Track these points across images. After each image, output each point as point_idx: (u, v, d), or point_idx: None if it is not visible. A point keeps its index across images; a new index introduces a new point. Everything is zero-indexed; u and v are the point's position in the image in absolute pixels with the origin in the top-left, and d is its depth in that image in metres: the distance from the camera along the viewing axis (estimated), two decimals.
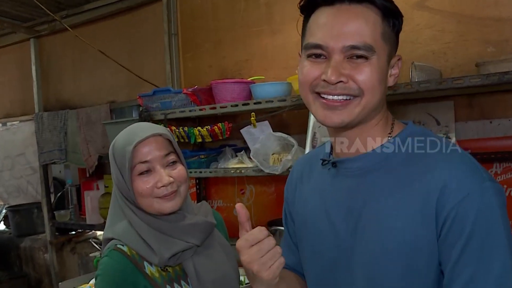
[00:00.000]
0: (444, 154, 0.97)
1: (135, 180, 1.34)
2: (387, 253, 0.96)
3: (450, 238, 0.90)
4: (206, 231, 1.44)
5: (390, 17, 0.99)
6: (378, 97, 0.99)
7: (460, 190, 0.90)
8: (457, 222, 0.89)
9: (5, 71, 4.58)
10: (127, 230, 1.37)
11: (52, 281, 4.00)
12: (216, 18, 3.05)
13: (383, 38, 0.97)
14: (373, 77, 0.96)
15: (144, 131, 1.36)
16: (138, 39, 3.47)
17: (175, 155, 1.40)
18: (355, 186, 1.04)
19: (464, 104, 2.24)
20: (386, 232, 0.96)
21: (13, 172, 4.60)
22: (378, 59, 0.96)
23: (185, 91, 2.55)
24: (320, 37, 0.97)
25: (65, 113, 3.72)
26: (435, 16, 2.24)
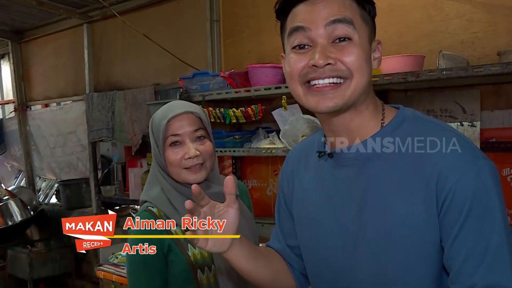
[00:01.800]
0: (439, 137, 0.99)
1: (166, 150, 1.51)
2: (392, 238, 0.98)
3: (449, 216, 0.93)
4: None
5: (365, 3, 1.02)
6: (366, 78, 1.00)
7: (456, 171, 0.93)
8: (455, 201, 0.92)
9: (60, 54, 4.87)
10: (159, 195, 1.54)
11: (97, 251, 4.27)
12: (256, 5, 3.18)
13: (361, 18, 1.00)
14: (360, 57, 0.98)
15: (178, 107, 1.52)
16: (182, 25, 3.65)
17: (204, 131, 1.54)
18: (355, 175, 1.05)
19: (490, 93, 2.28)
20: (390, 218, 0.98)
21: (65, 149, 4.91)
22: (360, 39, 0.98)
23: (222, 74, 2.70)
24: (300, 21, 0.99)
25: (113, 94, 3.95)
26: (465, 5, 2.29)
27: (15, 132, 5.46)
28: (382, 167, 1.02)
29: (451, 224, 0.93)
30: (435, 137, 0.98)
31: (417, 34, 2.45)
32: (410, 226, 0.96)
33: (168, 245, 1.47)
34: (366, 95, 1.04)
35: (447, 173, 0.93)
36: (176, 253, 1.48)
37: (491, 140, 2.30)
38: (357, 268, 1.05)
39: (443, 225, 0.94)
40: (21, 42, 5.24)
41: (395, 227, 0.98)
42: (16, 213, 4.79)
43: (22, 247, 4.51)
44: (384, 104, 1.11)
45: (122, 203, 4.18)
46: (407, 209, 0.97)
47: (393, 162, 1.00)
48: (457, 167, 0.94)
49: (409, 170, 0.98)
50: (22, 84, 5.31)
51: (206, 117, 1.58)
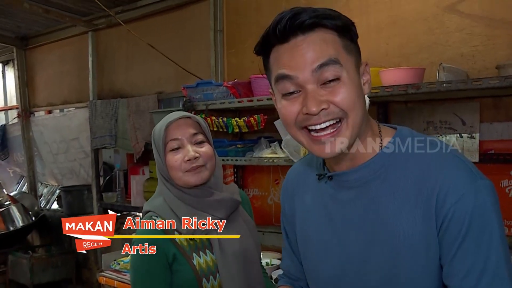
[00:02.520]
0: (436, 158, 1.01)
1: (167, 155, 1.54)
2: (400, 257, 1.00)
3: (448, 236, 0.95)
4: (231, 207, 1.60)
5: (345, 32, 0.99)
6: (361, 111, 1.00)
7: (455, 192, 0.94)
8: (454, 221, 0.94)
9: (65, 61, 4.92)
10: (162, 204, 1.57)
11: (98, 258, 4.29)
12: (259, 16, 3.22)
13: (346, 50, 0.98)
14: (351, 95, 0.97)
15: (175, 115, 1.58)
16: (186, 34, 3.69)
17: (203, 136, 1.59)
18: (356, 197, 1.06)
19: (489, 105, 2.31)
20: (396, 237, 1.00)
21: (67, 155, 4.94)
22: (348, 74, 0.97)
23: (225, 84, 2.74)
24: (285, 67, 0.98)
25: (117, 102, 3.99)
26: (465, 19, 2.33)
27: (18, 138, 5.49)
28: (383, 188, 1.03)
29: (450, 243, 0.95)
30: (433, 158, 1.00)
31: (418, 47, 2.48)
32: (412, 245, 0.98)
33: (173, 254, 1.48)
34: (365, 124, 1.05)
35: (446, 194, 0.95)
36: (181, 262, 1.49)
37: (490, 152, 2.33)
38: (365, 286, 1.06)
39: (442, 244, 0.96)
40: (26, 48, 5.29)
41: (400, 245, 0.99)
42: (17, 219, 4.81)
43: (23, 252, 4.53)
44: (380, 125, 1.11)
45: (124, 210, 4.19)
46: (408, 229, 0.98)
47: (393, 184, 1.02)
48: (455, 188, 0.95)
49: (409, 191, 0.99)
50: (26, 90, 5.36)
51: (205, 123, 1.63)
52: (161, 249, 1.47)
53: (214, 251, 1.52)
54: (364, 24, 2.64)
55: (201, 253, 1.52)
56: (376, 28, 2.61)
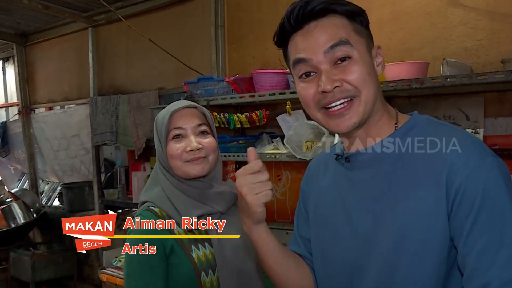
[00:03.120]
0: (448, 135, 1.01)
1: (169, 143, 1.51)
2: (404, 237, 1.00)
3: (460, 212, 0.94)
4: (230, 200, 1.58)
5: (355, 16, 1.06)
6: (374, 89, 1.05)
7: (465, 167, 0.94)
8: (466, 196, 0.93)
9: (65, 57, 4.90)
10: (160, 195, 1.53)
11: (99, 255, 4.28)
12: (260, 11, 3.20)
13: (356, 33, 1.04)
14: (363, 72, 1.02)
15: (181, 103, 1.55)
16: (187, 30, 3.67)
17: (208, 127, 1.55)
18: (369, 177, 1.08)
19: (494, 100, 2.29)
20: (402, 217, 1.00)
21: (68, 152, 4.93)
22: (359, 53, 1.03)
23: (227, 79, 2.72)
24: (301, 52, 1.05)
25: (117, 98, 3.97)
26: (469, 13, 2.30)
27: (19, 134, 5.48)
28: (395, 168, 1.04)
29: (463, 220, 0.94)
30: (446, 136, 1.01)
31: (421, 41, 2.46)
32: (421, 225, 0.98)
33: (171, 246, 1.45)
34: (380, 104, 1.09)
35: (457, 169, 0.95)
36: (179, 255, 1.46)
37: (495, 147, 2.30)
38: (368, 268, 1.06)
39: (455, 222, 0.95)
40: (26, 45, 5.27)
41: (406, 226, 0.99)
42: (19, 216, 4.81)
43: (25, 249, 4.53)
44: (398, 112, 1.14)
45: (125, 206, 4.19)
46: (418, 208, 0.98)
47: (405, 163, 1.03)
48: (466, 162, 0.95)
49: (420, 169, 1.00)
50: (26, 87, 5.34)
51: (210, 115, 1.60)
52: (158, 240, 1.43)
53: (213, 244, 1.50)
54: None
55: (200, 246, 1.50)
56: (379, 23, 2.59)
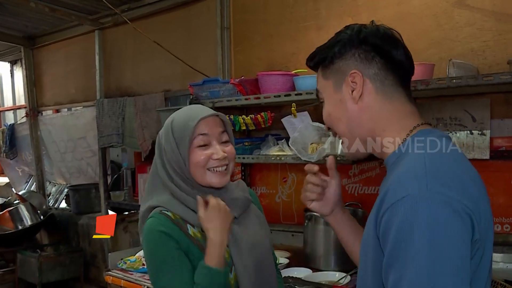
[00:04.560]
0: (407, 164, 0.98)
1: (192, 151, 1.48)
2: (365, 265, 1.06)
3: (382, 241, 0.93)
4: (244, 205, 1.59)
5: (321, 62, 1.17)
6: (341, 123, 1.15)
7: (396, 193, 0.91)
8: (386, 227, 0.91)
9: (72, 60, 4.92)
10: (171, 200, 1.51)
11: (105, 256, 4.29)
12: (266, 13, 3.20)
13: (324, 78, 1.18)
14: (325, 113, 1.19)
15: (205, 111, 1.53)
16: (193, 32, 3.68)
17: (228, 135, 1.56)
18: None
19: (500, 101, 2.28)
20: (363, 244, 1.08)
21: (75, 154, 4.95)
22: (326, 96, 1.18)
23: (232, 81, 2.72)
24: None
25: (124, 100, 3.98)
26: (475, 14, 2.29)
27: (26, 137, 5.51)
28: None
29: (384, 248, 0.93)
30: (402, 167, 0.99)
31: (427, 42, 2.45)
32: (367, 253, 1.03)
33: (187, 247, 1.44)
34: (360, 129, 1.14)
35: (390, 193, 0.93)
36: (195, 255, 1.44)
37: (501, 149, 2.29)
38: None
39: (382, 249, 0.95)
40: (33, 48, 5.29)
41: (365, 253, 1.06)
42: (26, 218, 4.83)
43: (32, 251, 4.54)
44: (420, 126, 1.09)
45: (131, 208, 4.20)
46: (368, 236, 1.03)
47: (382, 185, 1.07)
48: (400, 189, 0.91)
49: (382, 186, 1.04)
50: (33, 89, 5.37)
51: (229, 122, 1.61)
52: (173, 240, 1.43)
53: (229, 243, 1.49)
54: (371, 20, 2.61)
55: None
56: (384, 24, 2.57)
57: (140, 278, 2.62)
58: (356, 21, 1.17)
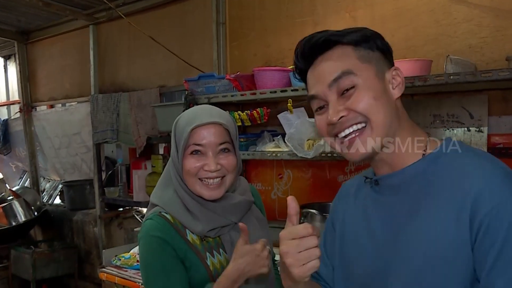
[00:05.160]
0: (478, 163, 0.99)
1: (186, 157, 1.43)
2: (426, 261, 0.98)
3: (484, 245, 0.91)
4: (245, 209, 1.53)
5: (362, 43, 1.05)
6: (385, 113, 1.03)
7: (493, 197, 0.91)
8: (491, 229, 0.90)
9: (66, 55, 4.88)
10: (173, 199, 1.47)
11: (100, 253, 4.27)
12: (262, 9, 3.17)
13: (362, 60, 1.04)
14: (367, 98, 1.02)
15: (206, 116, 1.43)
16: (188, 27, 3.65)
17: (230, 145, 1.46)
18: (396, 201, 1.08)
19: (498, 98, 2.26)
20: (425, 241, 0.98)
21: (69, 150, 4.92)
22: (365, 80, 1.03)
23: (228, 77, 2.69)
24: (312, 89, 1.08)
25: (118, 96, 3.95)
26: (473, 10, 2.27)
27: (20, 132, 5.47)
28: (422, 194, 1.03)
29: (486, 253, 0.91)
30: (473, 166, 0.99)
31: (424, 38, 2.43)
32: (443, 248, 0.96)
33: (184, 253, 1.41)
34: (396, 127, 1.06)
35: (484, 198, 0.92)
36: (193, 262, 1.42)
37: (499, 146, 2.28)
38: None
39: (478, 255, 0.92)
40: (27, 43, 5.25)
41: (428, 250, 0.98)
42: (20, 214, 4.80)
43: (26, 247, 4.50)
44: (431, 138, 1.12)
45: (126, 204, 4.18)
46: (441, 231, 0.97)
47: (432, 190, 1.02)
48: (495, 193, 0.92)
49: (447, 198, 0.98)
50: (27, 85, 5.33)
51: (235, 128, 1.50)
52: (170, 245, 1.40)
53: (227, 250, 1.47)
54: (368, 16, 2.60)
55: (214, 252, 1.46)
56: (381, 20, 2.56)
57: (134, 275, 2.61)
58: (353, 17, 1.15)
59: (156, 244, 1.40)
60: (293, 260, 0.97)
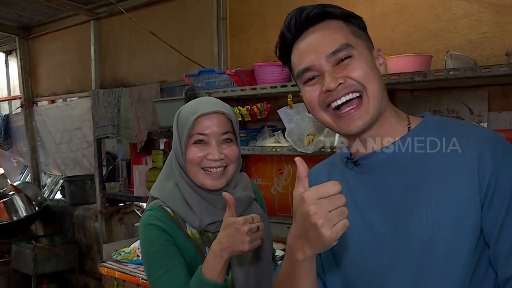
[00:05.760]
0: (469, 128, 1.04)
1: (189, 147, 1.43)
2: (435, 226, 0.98)
3: (494, 203, 0.94)
4: (246, 205, 1.53)
5: (351, 19, 1.09)
6: (379, 84, 1.06)
7: (495, 157, 0.96)
8: (499, 187, 0.94)
9: (67, 50, 4.89)
10: (173, 192, 1.47)
11: (100, 248, 4.28)
12: (263, 4, 3.17)
13: (354, 35, 1.07)
14: (364, 67, 1.04)
15: (210, 106, 1.44)
16: (189, 22, 3.65)
17: (232, 135, 1.47)
18: (389, 177, 1.07)
19: (498, 94, 2.26)
20: (437, 207, 0.98)
21: (70, 145, 4.93)
22: (360, 52, 1.05)
23: (228, 72, 2.70)
24: (305, 61, 1.07)
25: (119, 91, 3.96)
26: (473, 5, 2.27)
27: (21, 127, 5.48)
28: (420, 166, 1.03)
29: (497, 210, 0.94)
30: (461, 134, 1.02)
31: (424, 34, 2.43)
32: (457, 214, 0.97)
33: (182, 247, 1.42)
34: (386, 102, 1.09)
35: (487, 161, 0.96)
36: (192, 256, 1.43)
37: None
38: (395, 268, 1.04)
39: (489, 213, 0.94)
40: (28, 38, 5.25)
41: (441, 216, 0.98)
42: (21, 208, 4.81)
43: (27, 242, 4.52)
44: (409, 114, 1.15)
45: (127, 200, 4.18)
46: (453, 198, 0.97)
47: (430, 160, 1.02)
48: (495, 152, 0.96)
49: (449, 165, 1.00)
50: (29, 80, 5.34)
51: (237, 119, 1.51)
52: (170, 236, 1.41)
53: None
54: (369, 12, 2.59)
55: None
56: (382, 16, 2.56)
57: (134, 270, 2.62)
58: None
59: (156, 232, 1.41)
60: (325, 220, 0.88)
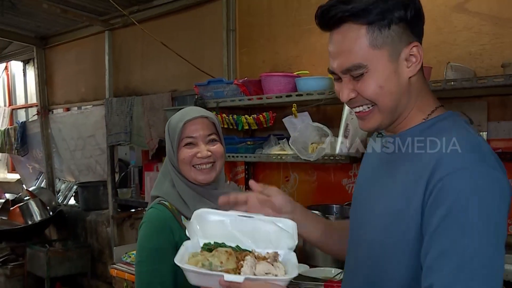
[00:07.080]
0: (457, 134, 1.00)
1: (181, 149, 1.62)
2: (377, 216, 1.08)
3: (433, 207, 0.93)
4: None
5: (377, 21, 1.00)
6: (390, 97, 1.04)
7: (450, 165, 0.93)
8: (442, 193, 0.92)
9: (82, 60, 5.03)
10: (170, 190, 1.64)
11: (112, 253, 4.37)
12: (271, 16, 3.26)
13: (373, 46, 1.01)
14: (374, 86, 1.02)
15: (194, 112, 1.66)
16: (199, 33, 3.76)
17: (216, 136, 1.67)
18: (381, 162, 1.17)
19: (497, 104, 2.33)
20: (383, 198, 1.08)
21: (84, 152, 5.05)
22: (375, 67, 1.01)
23: (236, 82, 2.79)
24: (331, 64, 1.09)
25: (132, 99, 4.06)
26: (473, 18, 2.34)
27: (37, 134, 5.62)
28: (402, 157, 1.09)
29: (432, 216, 0.93)
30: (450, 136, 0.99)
31: (426, 46, 2.42)
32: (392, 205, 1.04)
33: (179, 239, 1.49)
34: (406, 103, 1.07)
35: (442, 165, 0.94)
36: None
37: (498, 151, 2.32)
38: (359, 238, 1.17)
39: (427, 215, 0.95)
40: (45, 48, 5.42)
41: (380, 205, 1.08)
42: (36, 213, 4.93)
43: (41, 246, 4.63)
44: (439, 107, 1.11)
45: (138, 205, 4.28)
46: (398, 190, 1.04)
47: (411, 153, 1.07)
48: (453, 161, 0.94)
49: (417, 160, 1.02)
50: (45, 88, 5.49)
51: (219, 123, 1.71)
52: (168, 228, 1.54)
53: None
54: None
55: None
56: None
57: None
58: None
59: (154, 229, 1.55)
60: None
